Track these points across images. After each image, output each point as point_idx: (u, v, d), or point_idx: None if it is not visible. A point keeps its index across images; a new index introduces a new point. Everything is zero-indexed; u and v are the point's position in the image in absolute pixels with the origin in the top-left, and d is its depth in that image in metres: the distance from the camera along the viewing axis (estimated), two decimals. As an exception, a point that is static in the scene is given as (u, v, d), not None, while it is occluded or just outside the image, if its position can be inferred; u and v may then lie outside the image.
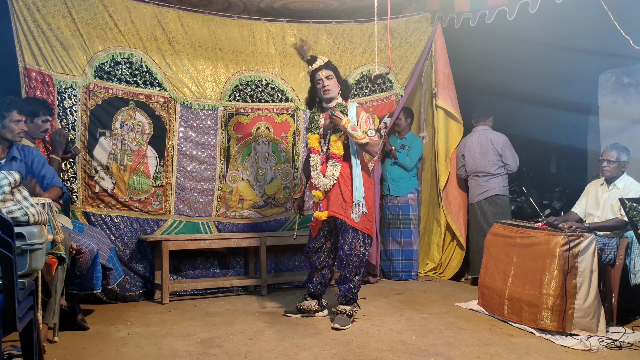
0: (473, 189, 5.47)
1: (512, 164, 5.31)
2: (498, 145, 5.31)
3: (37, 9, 4.18)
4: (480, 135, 5.42)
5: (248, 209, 5.10)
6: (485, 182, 5.36)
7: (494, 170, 5.32)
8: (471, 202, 5.51)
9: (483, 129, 5.46)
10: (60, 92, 4.31)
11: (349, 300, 3.95)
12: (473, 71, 6.01)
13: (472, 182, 5.48)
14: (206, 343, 3.49)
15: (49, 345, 3.30)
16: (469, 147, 5.44)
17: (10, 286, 2.24)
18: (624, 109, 5.45)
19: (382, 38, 5.27)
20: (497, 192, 5.33)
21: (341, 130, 3.87)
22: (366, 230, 3.88)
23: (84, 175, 4.45)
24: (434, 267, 5.81)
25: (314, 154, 4.01)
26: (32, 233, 2.48)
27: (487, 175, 5.35)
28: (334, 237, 4.06)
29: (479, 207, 5.39)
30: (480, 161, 5.35)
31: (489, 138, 5.35)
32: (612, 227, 4.03)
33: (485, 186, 5.35)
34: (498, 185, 5.34)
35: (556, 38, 5.69)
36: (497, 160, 5.32)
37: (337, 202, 3.88)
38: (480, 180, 5.39)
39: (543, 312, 3.68)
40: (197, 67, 4.82)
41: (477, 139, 5.41)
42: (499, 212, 5.27)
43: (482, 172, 5.36)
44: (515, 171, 5.40)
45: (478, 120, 5.55)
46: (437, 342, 3.54)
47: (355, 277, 3.93)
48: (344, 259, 3.89)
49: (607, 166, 4.15)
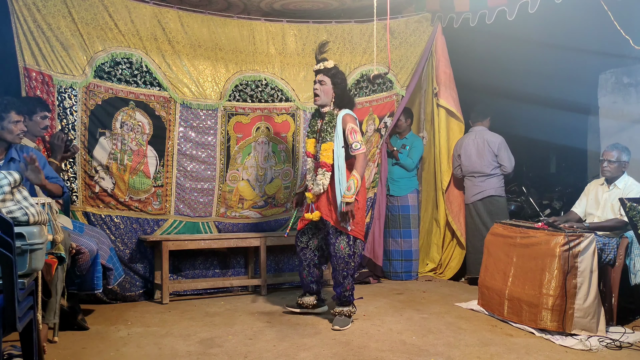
0: (469, 189, 5.47)
1: (507, 165, 5.30)
2: (494, 146, 5.31)
3: (37, 9, 4.18)
4: (476, 136, 5.42)
5: (248, 209, 5.10)
6: (481, 183, 5.35)
7: (489, 170, 5.32)
8: (467, 202, 5.51)
9: (480, 130, 5.46)
10: (60, 92, 4.31)
11: (344, 302, 3.95)
12: (473, 71, 6.01)
13: (468, 182, 5.48)
14: (206, 343, 3.49)
15: (49, 345, 3.30)
16: (465, 148, 5.44)
17: (10, 286, 2.24)
18: (623, 109, 5.45)
19: (382, 38, 5.26)
20: (492, 193, 5.33)
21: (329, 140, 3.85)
22: (352, 233, 3.87)
23: (84, 175, 4.45)
24: (434, 267, 5.81)
25: (309, 157, 4.04)
26: (32, 233, 2.48)
27: (482, 175, 5.35)
28: (321, 238, 4.08)
29: (474, 207, 5.40)
30: (476, 162, 5.35)
31: (485, 138, 5.35)
32: (612, 227, 4.03)
33: (480, 187, 5.35)
34: (494, 185, 5.34)
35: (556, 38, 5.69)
36: (493, 160, 5.32)
37: (325, 204, 3.90)
38: (476, 180, 5.39)
39: (543, 312, 3.68)
40: (197, 67, 4.82)
41: (474, 140, 5.41)
42: (495, 212, 5.26)
43: (478, 172, 5.36)
44: (511, 172, 5.38)
45: (476, 121, 5.55)
46: (437, 342, 3.54)
47: (345, 279, 3.90)
48: (333, 261, 3.91)
49: (607, 166, 4.15)
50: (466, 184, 5.51)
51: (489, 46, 5.85)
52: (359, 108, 5.39)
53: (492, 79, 6.21)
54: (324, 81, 3.91)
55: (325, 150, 3.87)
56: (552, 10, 4.52)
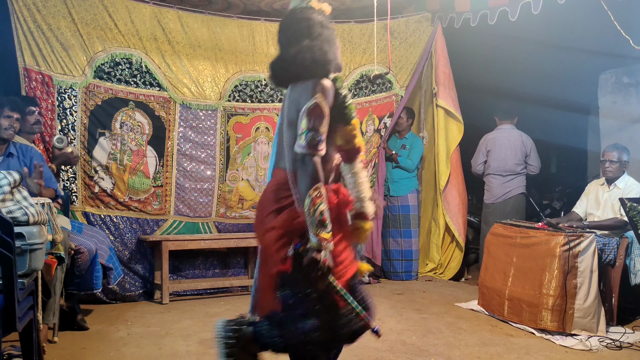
0: (495, 188, 5.38)
1: (537, 165, 5.35)
2: (528, 146, 5.33)
3: (37, 10, 4.18)
4: (509, 134, 5.38)
5: (248, 209, 5.09)
6: (511, 182, 5.33)
7: (519, 169, 5.34)
8: (490, 201, 5.42)
9: (509, 128, 5.43)
10: (60, 93, 4.31)
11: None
12: (473, 71, 6.01)
13: (495, 180, 5.39)
14: (206, 343, 3.49)
15: (49, 345, 3.30)
16: (498, 145, 5.38)
17: (10, 286, 2.24)
18: (623, 109, 5.45)
19: (382, 38, 5.26)
20: (522, 191, 5.37)
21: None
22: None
23: (83, 176, 4.45)
24: (434, 267, 5.81)
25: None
26: (32, 233, 2.48)
27: (512, 174, 5.34)
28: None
29: (501, 206, 5.32)
30: (508, 159, 5.32)
31: (522, 139, 5.34)
32: (611, 226, 4.04)
33: (510, 185, 5.33)
34: (523, 184, 5.37)
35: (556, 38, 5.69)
36: (523, 160, 5.34)
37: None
38: (505, 179, 5.35)
39: (543, 312, 3.67)
40: (196, 67, 4.82)
41: (507, 138, 5.36)
42: (521, 210, 5.29)
43: (508, 170, 5.33)
44: (537, 173, 5.40)
45: (503, 119, 5.50)
46: (437, 342, 3.54)
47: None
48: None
49: (609, 167, 4.15)
50: (492, 182, 5.42)
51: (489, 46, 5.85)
52: (358, 108, 5.39)
53: (492, 79, 6.20)
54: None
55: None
56: (552, 11, 4.51)
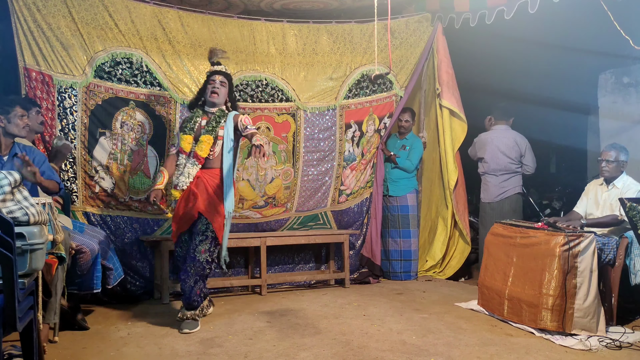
0: (491, 188, 5.42)
1: (532, 165, 5.37)
2: (522, 146, 5.35)
3: (37, 9, 4.18)
4: (504, 135, 5.40)
5: (248, 209, 5.10)
6: (506, 182, 5.36)
7: (515, 168, 5.36)
8: (487, 200, 5.46)
9: (504, 128, 5.46)
10: (60, 92, 4.32)
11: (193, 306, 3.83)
12: (473, 71, 6.02)
13: (491, 180, 5.43)
14: (206, 343, 3.50)
15: (49, 345, 3.31)
16: (491, 145, 5.41)
17: (10, 286, 2.24)
18: (623, 109, 5.45)
19: (382, 38, 5.27)
20: (519, 191, 5.39)
21: (214, 133, 3.83)
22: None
23: (84, 175, 4.45)
24: (434, 264, 5.81)
25: (182, 154, 3.92)
26: (33, 233, 2.48)
27: (507, 173, 5.36)
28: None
29: (498, 206, 5.36)
30: (502, 160, 5.35)
31: (515, 139, 5.36)
32: (609, 224, 4.06)
33: (506, 185, 5.36)
34: (518, 183, 5.39)
35: (556, 38, 5.70)
36: (518, 160, 5.36)
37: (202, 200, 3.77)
38: (500, 179, 5.37)
39: (543, 312, 3.68)
40: (197, 67, 4.82)
41: (502, 138, 5.39)
42: (517, 210, 5.31)
43: (502, 170, 5.36)
44: (532, 173, 5.42)
45: (499, 119, 5.52)
46: (437, 342, 3.54)
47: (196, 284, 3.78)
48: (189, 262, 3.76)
49: (606, 166, 4.16)
50: (488, 182, 5.46)
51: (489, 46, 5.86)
52: (359, 108, 5.40)
53: (492, 79, 6.21)
54: (225, 83, 3.94)
55: (203, 143, 3.83)
56: (552, 11, 4.52)
